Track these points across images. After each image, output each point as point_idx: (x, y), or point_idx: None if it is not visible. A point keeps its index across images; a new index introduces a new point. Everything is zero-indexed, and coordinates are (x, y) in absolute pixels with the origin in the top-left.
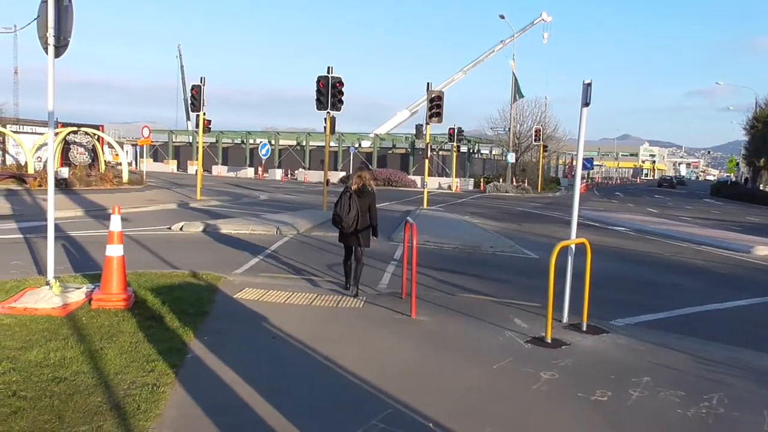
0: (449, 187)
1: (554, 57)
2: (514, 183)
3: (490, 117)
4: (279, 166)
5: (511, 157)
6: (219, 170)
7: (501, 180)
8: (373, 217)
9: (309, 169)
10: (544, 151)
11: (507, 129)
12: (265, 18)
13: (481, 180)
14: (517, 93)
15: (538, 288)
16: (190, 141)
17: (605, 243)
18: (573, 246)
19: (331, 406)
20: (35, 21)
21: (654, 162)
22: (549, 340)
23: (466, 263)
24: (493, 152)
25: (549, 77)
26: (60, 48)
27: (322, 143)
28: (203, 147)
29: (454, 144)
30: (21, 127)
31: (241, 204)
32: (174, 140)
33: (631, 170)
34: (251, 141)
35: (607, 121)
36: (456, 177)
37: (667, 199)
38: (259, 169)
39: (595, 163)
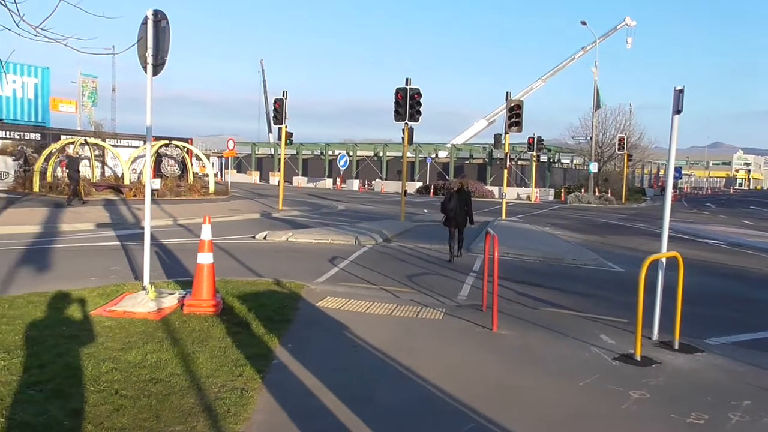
0: (528, 198)
1: (639, 62)
2: (597, 193)
3: (571, 125)
4: (357, 177)
5: (594, 167)
6: (299, 181)
7: (583, 190)
8: (470, 209)
9: (386, 179)
10: (629, 160)
11: (589, 138)
12: (343, 31)
13: (562, 190)
14: (599, 101)
15: (625, 303)
16: (272, 153)
17: (697, 256)
18: (664, 260)
19: (413, 417)
20: (136, 44)
21: (749, 171)
22: (638, 358)
23: (548, 276)
24: (575, 162)
25: (633, 83)
26: (158, 67)
27: (399, 154)
28: (284, 158)
29: (534, 153)
30: (118, 141)
31: (320, 214)
32: (256, 152)
33: (724, 180)
34: (330, 152)
35: (697, 127)
36: (535, 187)
37: (765, 210)
38: (338, 179)
39: (683, 172)
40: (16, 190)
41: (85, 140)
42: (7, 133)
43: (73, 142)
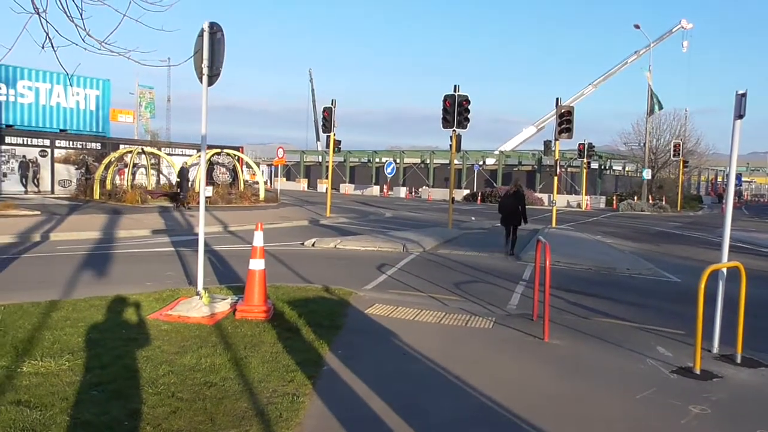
0: (578, 205)
1: (695, 66)
2: (650, 201)
3: (623, 131)
4: (403, 184)
5: (647, 174)
6: (346, 188)
7: (635, 198)
8: (524, 210)
9: (433, 186)
10: (684, 166)
11: (642, 144)
12: (391, 40)
13: (614, 198)
14: (656, 105)
15: (682, 314)
16: (320, 160)
17: (759, 267)
18: (725, 270)
19: (464, 427)
20: (193, 57)
21: None
22: (697, 371)
23: (601, 285)
24: (627, 168)
25: (689, 88)
26: (213, 77)
27: (446, 161)
28: (332, 166)
29: (584, 160)
30: (173, 149)
31: (367, 221)
32: (305, 160)
33: None
34: (377, 160)
35: (758, 132)
36: (586, 194)
37: None
38: (384, 187)
39: (744, 179)
40: (78, 197)
41: (142, 149)
42: (71, 143)
43: (131, 151)
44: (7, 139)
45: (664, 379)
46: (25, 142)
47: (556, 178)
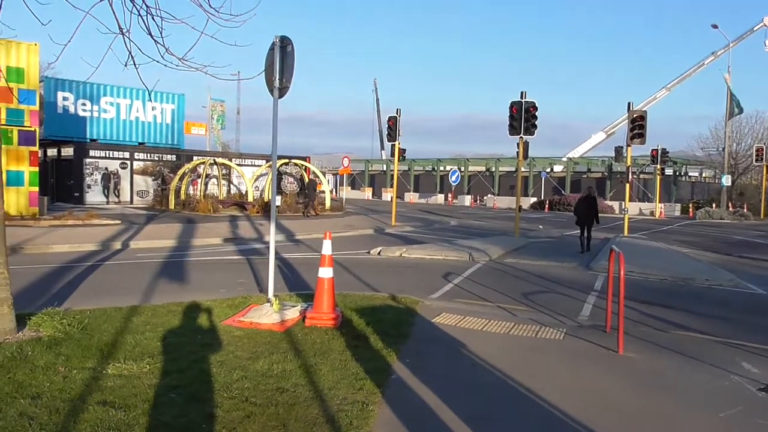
0: (651, 213)
1: None
2: (730, 208)
3: (700, 136)
4: (468, 192)
5: (726, 180)
6: (411, 197)
7: (714, 205)
8: (596, 212)
9: (498, 194)
10: None
11: (721, 149)
12: (455, 46)
13: (690, 205)
14: (736, 108)
15: None
16: (385, 169)
17: None
18: None
19: None
20: (264, 71)
21: None
22: None
23: (678, 297)
24: (704, 175)
25: None
26: (283, 90)
27: (512, 168)
28: (397, 175)
29: (658, 166)
30: (243, 160)
31: (432, 230)
32: (370, 169)
33: None
34: (441, 168)
35: None
36: (660, 202)
37: None
38: (449, 195)
39: None
40: (155, 207)
41: (214, 160)
42: (148, 155)
43: (203, 163)
44: (91, 153)
45: (751, 397)
46: (107, 155)
47: (627, 185)
